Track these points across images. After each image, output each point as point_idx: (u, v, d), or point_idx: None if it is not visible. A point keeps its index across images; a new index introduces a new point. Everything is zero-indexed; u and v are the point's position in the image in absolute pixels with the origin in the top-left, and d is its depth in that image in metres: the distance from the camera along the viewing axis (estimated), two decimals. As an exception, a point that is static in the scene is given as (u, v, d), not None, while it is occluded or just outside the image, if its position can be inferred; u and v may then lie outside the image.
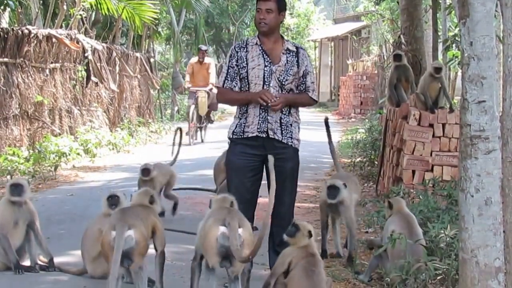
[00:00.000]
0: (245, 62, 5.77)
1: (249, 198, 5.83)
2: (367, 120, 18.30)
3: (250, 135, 5.77)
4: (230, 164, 5.90)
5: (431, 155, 8.50)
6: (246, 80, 5.77)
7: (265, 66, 5.75)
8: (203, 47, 17.63)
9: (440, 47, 15.70)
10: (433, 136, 8.51)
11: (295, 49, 5.85)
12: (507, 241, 4.25)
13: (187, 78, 17.53)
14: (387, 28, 25.25)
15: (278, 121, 5.76)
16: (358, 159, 12.81)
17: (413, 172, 8.53)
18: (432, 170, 8.48)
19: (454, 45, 14.83)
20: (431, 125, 8.52)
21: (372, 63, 28.16)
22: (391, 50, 17.39)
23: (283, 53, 5.80)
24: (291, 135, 5.81)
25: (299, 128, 5.92)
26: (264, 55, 5.77)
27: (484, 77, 4.01)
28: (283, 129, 5.77)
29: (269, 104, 5.64)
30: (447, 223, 6.32)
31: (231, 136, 5.87)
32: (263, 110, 5.74)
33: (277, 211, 5.90)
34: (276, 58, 5.78)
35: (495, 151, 4.05)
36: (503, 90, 4.40)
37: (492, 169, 4.04)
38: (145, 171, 8.34)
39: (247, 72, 5.75)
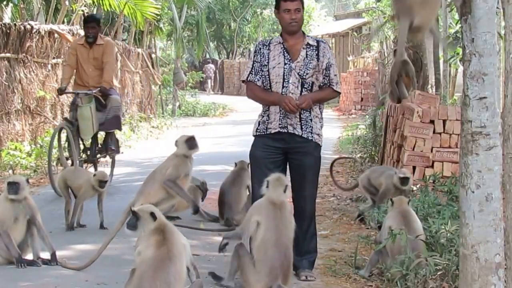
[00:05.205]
0: (267, 60, 5.90)
1: None
2: (367, 116, 18.30)
3: (273, 131, 5.91)
4: (252, 157, 6.03)
5: (431, 151, 8.51)
6: (267, 78, 5.89)
7: (285, 64, 5.86)
8: (93, 18, 10.06)
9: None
10: (434, 132, 8.53)
11: (315, 43, 5.93)
12: (507, 237, 4.28)
13: (66, 73, 10.01)
14: (388, 25, 25.21)
15: (298, 117, 5.86)
16: (358, 155, 12.85)
17: (414, 168, 8.55)
18: (432, 166, 8.50)
19: (455, 41, 14.87)
20: (432, 121, 8.54)
21: (372, 60, 28.16)
22: (392, 47, 17.38)
23: (303, 48, 5.89)
24: (311, 130, 5.91)
25: (321, 123, 6.00)
26: (285, 52, 5.88)
27: (485, 73, 4.02)
28: (302, 124, 5.88)
29: (291, 109, 5.75)
30: (448, 218, 6.35)
31: (255, 134, 6.03)
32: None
33: (297, 205, 5.97)
34: (295, 54, 5.88)
35: (496, 147, 4.06)
36: (504, 87, 4.43)
37: (493, 165, 4.06)
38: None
39: (268, 71, 5.88)
